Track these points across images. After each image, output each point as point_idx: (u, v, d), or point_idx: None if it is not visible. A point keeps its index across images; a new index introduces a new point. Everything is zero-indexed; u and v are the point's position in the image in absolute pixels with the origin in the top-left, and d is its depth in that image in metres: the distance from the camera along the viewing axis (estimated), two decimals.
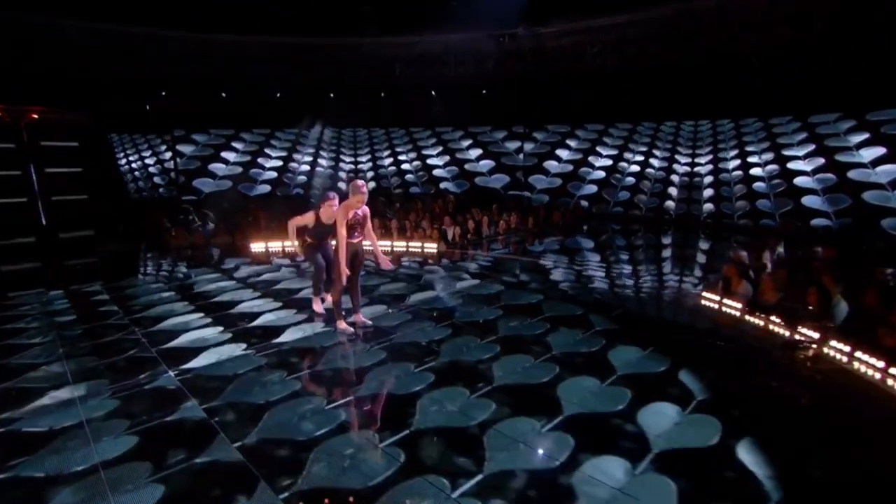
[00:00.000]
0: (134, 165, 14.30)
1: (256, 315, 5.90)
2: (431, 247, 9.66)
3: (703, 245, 10.93)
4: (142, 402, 3.89)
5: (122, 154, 14.36)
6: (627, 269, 8.72)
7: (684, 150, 13.65)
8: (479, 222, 11.06)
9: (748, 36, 10.74)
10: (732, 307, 6.09)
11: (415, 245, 9.79)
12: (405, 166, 16.87)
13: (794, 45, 10.24)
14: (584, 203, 14.74)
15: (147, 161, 14.45)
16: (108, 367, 4.53)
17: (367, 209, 5.14)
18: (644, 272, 8.53)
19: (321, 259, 5.37)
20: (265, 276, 7.88)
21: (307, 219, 5.38)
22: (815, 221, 10.55)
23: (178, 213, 11.74)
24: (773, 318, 5.46)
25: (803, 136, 11.33)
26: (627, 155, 14.52)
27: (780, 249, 8.61)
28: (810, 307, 5.49)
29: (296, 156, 15.91)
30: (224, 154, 14.94)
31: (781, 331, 5.28)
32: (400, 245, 9.86)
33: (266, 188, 15.12)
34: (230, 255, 9.72)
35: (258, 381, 4.19)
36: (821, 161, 10.83)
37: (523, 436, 3.42)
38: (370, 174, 16.82)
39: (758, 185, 11.83)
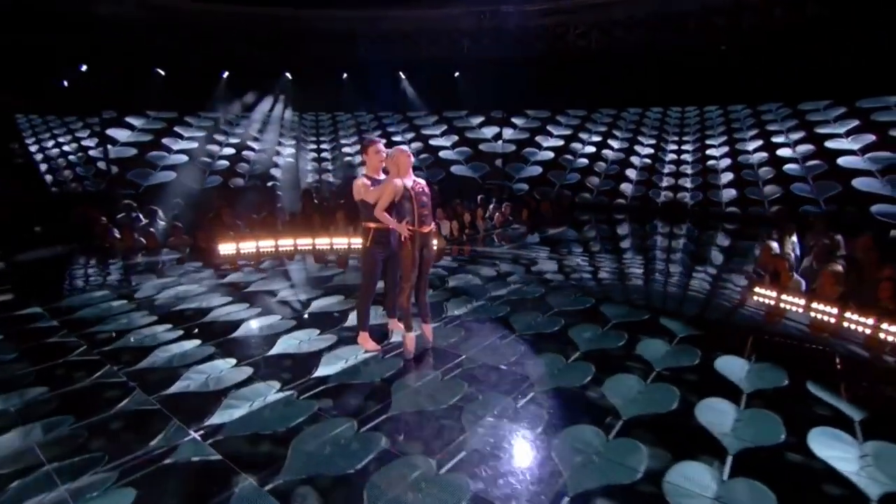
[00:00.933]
0: (52, 153, 11.98)
1: (272, 339, 4.75)
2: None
3: (700, 234, 10.85)
4: (170, 486, 2.75)
5: (33, 140, 11.99)
6: (650, 262, 8.31)
7: (671, 136, 13.62)
8: (474, 215, 10.28)
9: (741, 19, 10.68)
10: (798, 304, 5.76)
11: None
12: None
13: (786, 30, 10.28)
14: (567, 192, 14.41)
15: (66, 148, 12.18)
16: (96, 432, 3.28)
17: (423, 182, 4.17)
18: (669, 265, 8.17)
19: (380, 268, 4.33)
20: (256, 286, 6.61)
21: (363, 186, 4.10)
22: (804, 208, 10.80)
23: (118, 210, 9.88)
24: (857, 315, 5.18)
25: (793, 122, 11.57)
26: (612, 142, 14.30)
27: (794, 238, 8.55)
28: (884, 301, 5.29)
29: (252, 143, 14.21)
30: (166, 141, 12.96)
31: (870, 330, 4.99)
32: None
33: (217, 179, 13.37)
34: (195, 260, 8.23)
35: (325, 439, 3.16)
36: (810, 148, 11.10)
37: (709, 489, 2.72)
38: (332, 165, 15.46)
39: (746, 172, 11.98)
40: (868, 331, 5.00)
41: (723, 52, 10.69)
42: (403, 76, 14.73)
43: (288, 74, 14.24)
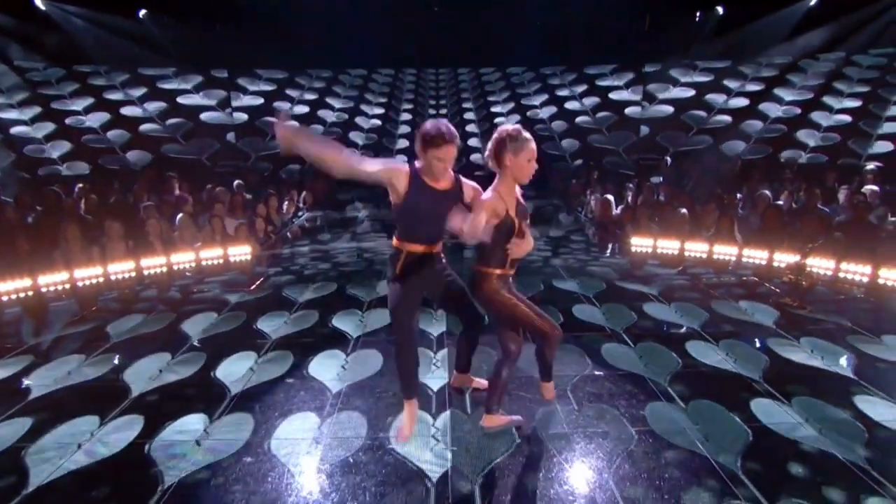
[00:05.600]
0: None
1: None
2: (242, 252, 6.96)
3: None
4: None
5: None
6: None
7: (429, 100, 14.46)
8: (267, 207, 8.66)
9: None
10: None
11: (210, 255, 6.85)
12: (19, 129, 11.32)
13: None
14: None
15: None
16: None
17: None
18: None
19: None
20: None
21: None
22: (556, 164, 13.34)
23: None
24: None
25: (538, 86, 13.95)
26: (364, 107, 14.22)
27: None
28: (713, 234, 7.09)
29: None
30: None
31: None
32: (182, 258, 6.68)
33: None
34: None
35: None
36: (554, 109, 13.66)
37: (312, 429, 3.17)
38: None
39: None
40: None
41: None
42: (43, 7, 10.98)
43: None
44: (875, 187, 7.95)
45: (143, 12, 11.99)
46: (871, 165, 9.49)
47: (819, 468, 2.77)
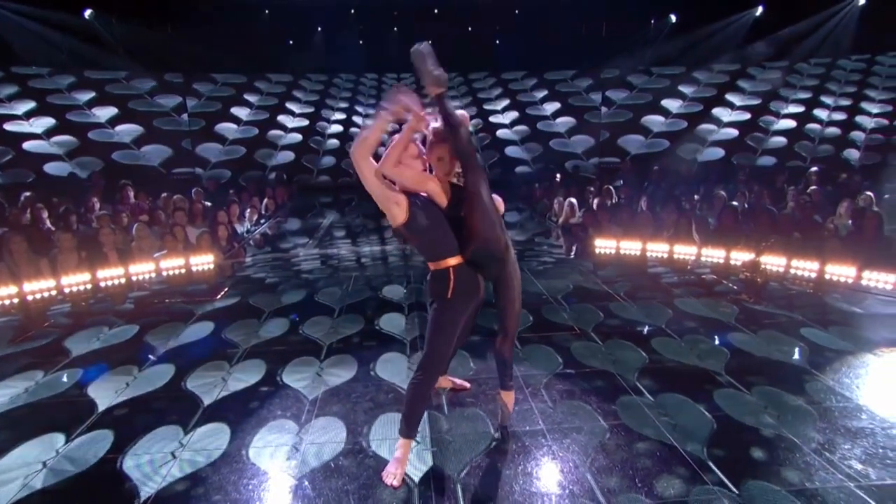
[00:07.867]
0: None
1: None
2: (205, 260, 6.83)
3: None
4: None
5: None
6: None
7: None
8: (228, 214, 8.52)
9: None
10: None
11: (172, 264, 6.70)
12: None
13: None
14: (284, 175, 13.59)
15: None
16: None
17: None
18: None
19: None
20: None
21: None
22: (518, 169, 13.61)
23: None
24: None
25: (499, 91, 14.18)
26: (326, 112, 14.15)
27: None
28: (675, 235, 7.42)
29: None
30: None
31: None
32: (141, 269, 6.51)
33: None
34: None
35: None
36: (515, 114, 13.93)
37: (292, 433, 3.22)
38: None
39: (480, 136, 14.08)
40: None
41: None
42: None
43: None
44: (816, 187, 8.49)
45: (88, 12, 11.64)
46: (814, 168, 10.12)
47: (778, 452, 2.98)
